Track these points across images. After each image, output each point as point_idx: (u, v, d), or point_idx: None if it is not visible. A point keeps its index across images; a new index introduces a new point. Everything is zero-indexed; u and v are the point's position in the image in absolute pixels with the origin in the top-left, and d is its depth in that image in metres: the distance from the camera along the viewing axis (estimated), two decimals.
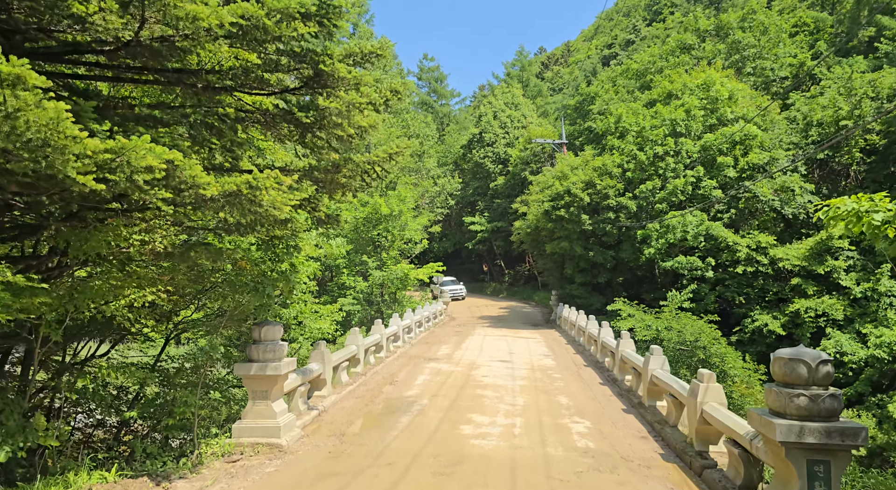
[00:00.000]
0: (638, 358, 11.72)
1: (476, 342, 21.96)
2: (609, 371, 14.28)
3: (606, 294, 29.53)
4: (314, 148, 9.23)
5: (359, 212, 32.81)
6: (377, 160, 9.42)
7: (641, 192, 25.96)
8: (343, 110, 8.04)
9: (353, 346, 13.70)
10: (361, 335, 14.27)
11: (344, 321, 32.67)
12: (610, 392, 12.34)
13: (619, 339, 13.12)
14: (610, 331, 15.66)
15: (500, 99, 55.16)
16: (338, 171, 9.48)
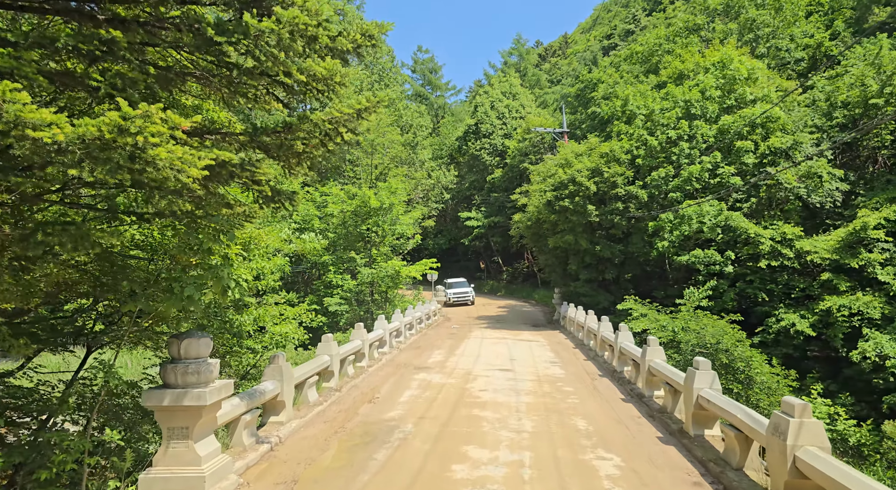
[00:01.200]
0: (673, 372, 9.49)
1: (473, 346, 19.72)
2: (631, 383, 12.04)
3: (614, 292, 27.31)
4: (255, 100, 6.95)
5: (346, 205, 30.53)
6: (342, 118, 7.17)
7: (653, 180, 23.73)
8: (285, 38, 5.75)
9: (325, 357, 11.44)
10: (336, 343, 12.00)
11: (331, 322, 30.43)
12: (637, 412, 10.10)
13: (646, 346, 10.87)
14: (629, 335, 13.43)
15: (497, 89, 52.88)
16: (290, 132, 7.23)
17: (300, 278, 33.86)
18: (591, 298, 26.20)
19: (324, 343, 11.71)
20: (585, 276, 26.32)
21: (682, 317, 20.24)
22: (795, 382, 19.25)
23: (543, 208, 25.80)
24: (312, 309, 15.50)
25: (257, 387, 8.42)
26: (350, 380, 12.72)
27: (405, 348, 19.11)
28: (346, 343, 13.50)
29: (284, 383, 8.95)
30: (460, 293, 38.87)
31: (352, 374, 13.11)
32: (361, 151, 34.38)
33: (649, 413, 9.87)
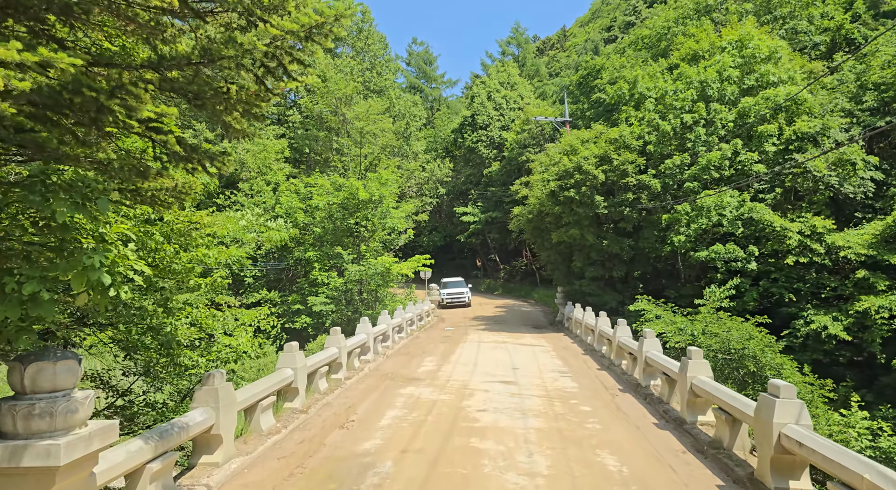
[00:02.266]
0: (733, 397, 7.33)
1: (469, 352, 17.55)
2: (663, 403, 9.87)
3: (622, 291, 25.19)
4: None
5: (333, 197, 28.31)
6: (283, 35, 4.96)
7: (667, 168, 21.60)
8: None
9: (288, 371, 9.25)
10: (301, 353, 9.80)
11: (316, 324, 28.22)
12: (679, 445, 7.93)
13: (688, 359, 8.71)
14: (656, 342, 11.30)
15: (495, 79, 50.66)
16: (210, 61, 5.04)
17: (284, 276, 31.63)
18: (598, 298, 24.07)
19: (286, 354, 9.52)
20: (591, 274, 24.17)
21: (703, 319, 18.14)
22: (832, 393, 17.17)
23: (546, 199, 23.64)
24: (274, 313, 13.16)
25: (178, 419, 6.23)
26: (321, 397, 10.52)
27: (393, 354, 16.93)
28: (317, 352, 11.31)
29: (221, 411, 6.76)
30: (456, 293, 36.65)
31: (324, 389, 10.92)
32: (350, 140, 32.14)
33: (697, 446, 7.70)
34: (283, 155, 33.54)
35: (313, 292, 28.39)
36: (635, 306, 19.79)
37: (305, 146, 38.76)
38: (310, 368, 10.15)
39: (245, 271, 30.03)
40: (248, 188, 31.41)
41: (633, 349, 12.40)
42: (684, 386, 8.61)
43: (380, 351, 16.20)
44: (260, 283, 30.67)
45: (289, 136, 38.88)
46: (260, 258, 30.31)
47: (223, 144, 36.91)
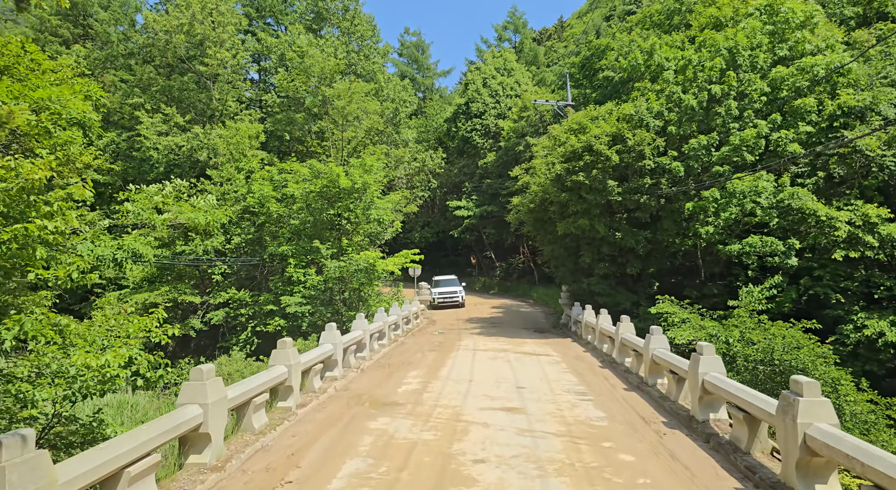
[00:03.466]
0: None
1: (463, 364, 14.57)
2: (739, 451, 6.88)
3: (636, 290, 22.28)
4: None
5: (311, 185, 25.24)
6: None
7: (691, 149, 18.66)
8: None
9: (192, 409, 6.24)
10: (218, 379, 6.79)
11: (291, 327, 25.17)
12: None
13: (797, 396, 5.73)
14: (717, 361, 8.34)
15: (491, 65, 47.65)
16: None
17: (259, 273, 28.53)
18: (609, 298, 21.14)
19: (191, 384, 6.51)
20: (602, 271, 21.22)
21: (741, 324, 15.29)
22: None
23: (551, 186, 20.66)
24: (243, 316, 10.05)
25: None
26: (255, 438, 7.51)
27: (370, 367, 13.93)
28: (254, 375, 8.30)
29: None
30: (448, 293, 33.64)
31: (260, 427, 7.91)
32: (330, 122, 29.08)
33: None
34: (259, 140, 30.44)
35: (288, 291, 25.38)
36: (657, 308, 16.91)
37: (285, 132, 35.66)
38: (234, 401, 7.15)
39: (212, 267, 26.99)
40: (217, 176, 28.28)
41: (676, 366, 9.45)
42: (799, 436, 5.63)
43: (353, 364, 13.20)
44: (230, 281, 27.59)
45: (268, 122, 35.79)
46: (229, 252, 27.24)
47: (195, 129, 33.87)
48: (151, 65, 38.35)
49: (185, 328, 25.59)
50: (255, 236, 27.44)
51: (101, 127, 39.20)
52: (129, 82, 38.68)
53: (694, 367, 8.40)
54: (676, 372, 9.49)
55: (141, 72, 36.33)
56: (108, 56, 41.62)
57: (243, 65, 35.88)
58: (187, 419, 6.07)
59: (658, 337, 10.89)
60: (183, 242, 26.26)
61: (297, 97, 29.76)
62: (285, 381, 8.90)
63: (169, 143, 33.26)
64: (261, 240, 28.11)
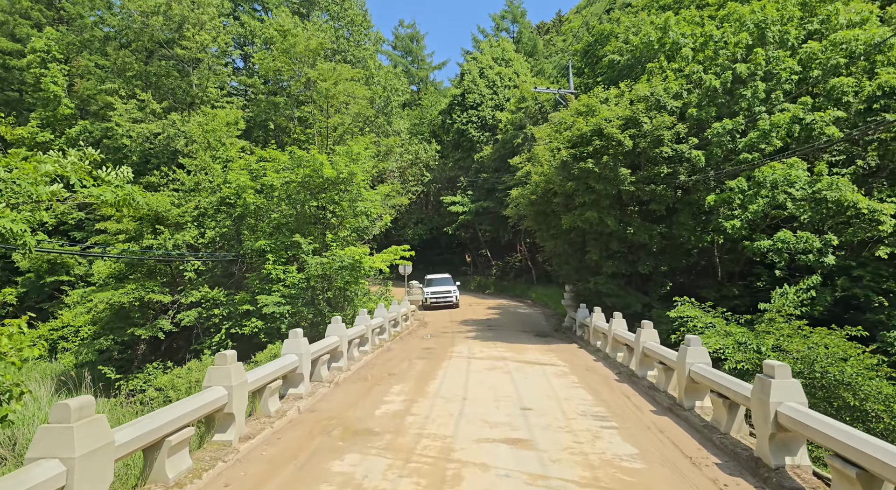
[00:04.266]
0: None
1: (456, 376, 12.49)
2: None
3: (647, 291, 20.28)
4: None
5: (292, 174, 23.11)
6: None
7: (714, 135, 16.62)
8: None
9: (50, 467, 4.11)
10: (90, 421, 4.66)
11: (269, 329, 23.02)
12: None
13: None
14: (795, 386, 6.29)
15: (488, 54, 45.60)
16: None
17: (237, 270, 26.32)
18: (618, 299, 19.10)
19: (46, 431, 4.37)
20: (611, 269, 19.17)
21: (777, 330, 13.32)
22: None
23: (555, 174, 18.59)
24: (217, 316, 8.02)
25: None
26: None
27: (347, 380, 11.85)
28: (171, 405, 6.19)
29: None
30: (441, 292, 31.56)
31: (186, 470, 5.80)
32: (315, 108, 26.90)
33: None
34: (238, 127, 28.25)
35: (266, 290, 23.22)
36: (677, 312, 14.89)
37: (269, 121, 33.45)
38: (144, 441, 5.05)
39: (185, 264, 24.80)
40: (190, 164, 26.08)
41: (726, 388, 7.39)
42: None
43: (325, 377, 11.11)
44: (204, 279, 25.39)
45: (250, 109, 33.58)
46: (203, 247, 25.06)
47: (172, 116, 31.65)
48: (128, 50, 36.11)
49: (153, 330, 23.42)
50: (231, 230, 25.27)
51: (73, 115, 37.09)
52: (105, 68, 36.44)
53: (763, 392, 6.35)
54: (727, 395, 7.44)
55: (116, 56, 34.06)
56: (84, 41, 39.32)
57: (225, 49, 33.67)
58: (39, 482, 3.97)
59: (697, 349, 8.84)
60: (152, 236, 24.08)
61: (279, 80, 27.60)
62: (223, 407, 6.80)
63: (143, 130, 31.04)
64: (239, 234, 25.97)
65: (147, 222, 23.94)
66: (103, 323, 24.84)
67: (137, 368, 24.43)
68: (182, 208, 24.10)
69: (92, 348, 23.60)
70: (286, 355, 9.45)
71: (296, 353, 9.56)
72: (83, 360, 23.58)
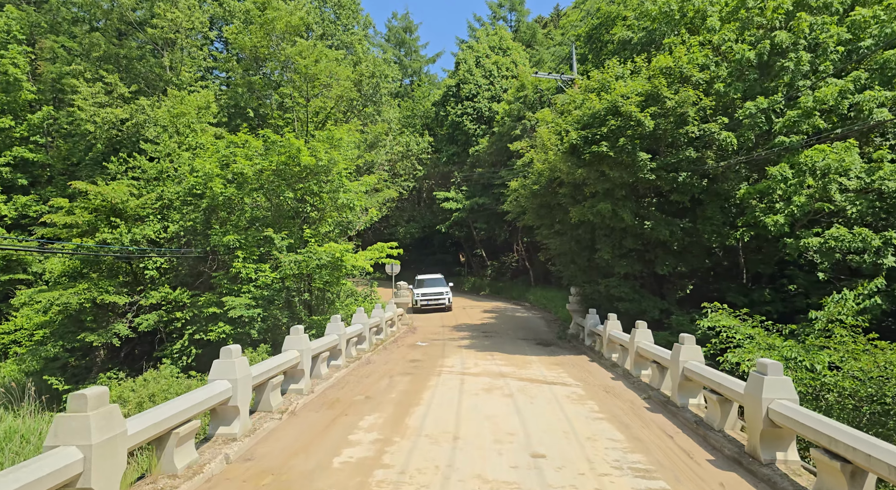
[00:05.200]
0: None
1: (445, 402, 10.02)
2: None
3: (665, 294, 17.93)
4: None
5: (264, 161, 20.61)
6: None
7: (747, 114, 14.24)
8: None
9: None
10: None
11: (238, 335, 20.49)
12: None
13: None
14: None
15: (485, 43, 43.20)
16: None
17: (208, 268, 23.70)
18: (633, 304, 16.69)
19: None
20: (624, 269, 16.77)
21: (836, 344, 10.98)
22: None
23: (562, 161, 16.16)
24: None
25: None
26: None
27: (307, 407, 9.36)
28: None
29: None
30: (433, 294, 29.11)
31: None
32: (293, 88, 24.34)
33: None
34: (210, 111, 25.69)
35: (236, 291, 20.71)
36: (711, 320, 12.54)
37: (248, 108, 30.87)
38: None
39: (146, 261, 22.23)
40: (153, 150, 23.52)
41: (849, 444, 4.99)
42: None
43: (275, 405, 8.61)
44: (168, 278, 22.81)
45: (225, 95, 31.01)
46: (167, 243, 22.51)
47: (140, 101, 29.07)
48: (98, 31, 33.52)
49: (107, 335, 20.82)
50: (199, 224, 22.70)
51: (37, 100, 34.41)
52: (72, 51, 33.80)
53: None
54: (849, 460, 5.02)
55: (82, 37, 31.46)
56: (53, 23, 36.68)
57: (200, 29, 31.07)
58: None
59: (778, 380, 6.41)
60: (108, 230, 21.48)
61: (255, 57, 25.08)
62: (79, 475, 4.32)
63: (108, 115, 28.42)
64: (209, 228, 23.39)
65: (102, 214, 21.35)
66: (53, 327, 22.19)
67: (93, 378, 21.83)
68: (143, 199, 21.53)
69: (37, 356, 20.97)
70: (212, 383, 6.97)
71: (227, 380, 7.07)
72: (28, 368, 21.00)
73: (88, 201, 21.08)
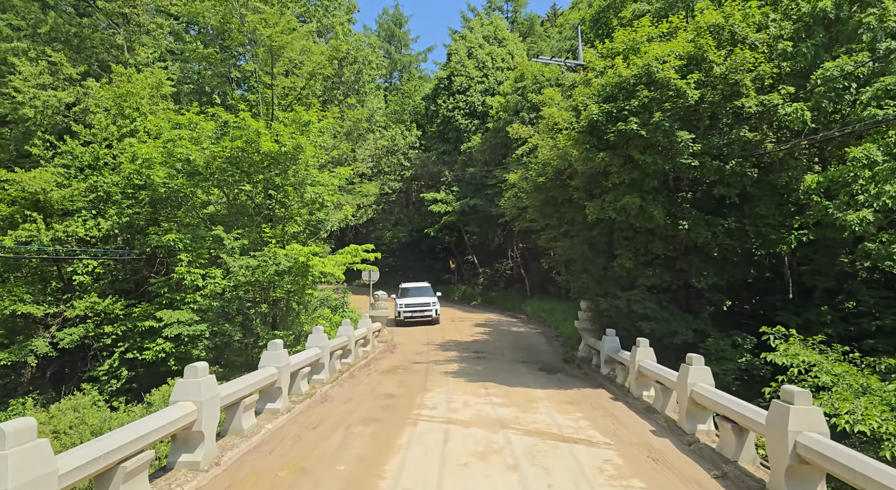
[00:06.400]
0: None
1: (418, 473, 6.63)
2: None
3: (698, 312, 14.64)
4: None
5: (215, 147, 17.21)
6: None
7: (824, 76, 11.07)
8: None
9: None
10: None
11: (180, 354, 16.99)
12: None
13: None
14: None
15: (479, 33, 40.07)
16: None
17: (155, 272, 20.15)
18: (661, 324, 13.37)
19: None
20: (650, 280, 13.49)
21: None
22: None
23: (577, 144, 12.84)
24: None
25: None
26: None
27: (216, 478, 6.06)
28: None
29: None
30: (418, 305, 25.73)
31: None
32: (256, 63, 20.96)
33: None
34: (161, 92, 22.26)
35: (178, 302, 17.25)
36: (785, 355, 9.30)
37: (215, 93, 27.44)
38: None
39: (75, 263, 18.69)
40: (88, 133, 20.05)
41: None
42: None
43: None
44: (103, 284, 19.25)
45: (175, 69, 27.51)
46: (96, 241, 19.01)
47: (88, 83, 25.58)
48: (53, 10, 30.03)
49: (21, 353, 17.25)
50: (140, 220, 19.24)
51: None
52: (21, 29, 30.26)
53: None
54: None
55: (26, 10, 27.97)
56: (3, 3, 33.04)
57: (160, 5, 27.65)
58: None
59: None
60: (30, 225, 17.95)
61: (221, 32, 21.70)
62: None
63: (51, 99, 24.89)
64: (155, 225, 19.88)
65: (22, 207, 17.86)
66: None
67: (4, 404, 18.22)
68: (69, 190, 18.05)
69: None
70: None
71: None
72: None
73: (3, 192, 17.63)
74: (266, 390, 8.89)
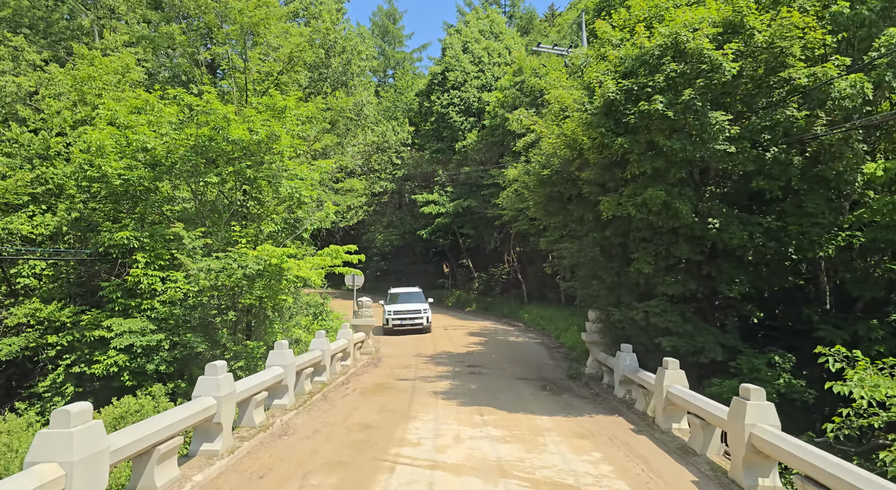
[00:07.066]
0: None
1: None
2: None
3: (725, 325, 12.75)
4: None
5: (177, 134, 15.24)
6: None
7: (888, 45, 9.27)
8: None
9: None
10: None
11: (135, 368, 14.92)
12: None
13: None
14: None
15: (474, 27, 38.31)
16: None
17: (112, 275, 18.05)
18: (684, 340, 11.46)
19: None
20: (672, 289, 11.60)
21: None
22: None
23: (589, 128, 10.95)
24: None
25: None
26: None
27: None
28: None
29: None
30: (408, 312, 23.78)
31: None
32: (227, 45, 19.02)
33: None
34: (129, 78, 20.29)
35: (133, 308, 15.24)
36: (867, 388, 7.36)
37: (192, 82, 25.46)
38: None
39: (20, 264, 16.66)
40: (37, 119, 18.05)
41: None
42: None
43: None
44: (51, 288, 17.17)
45: (140, 48, 25.47)
46: (42, 239, 16.97)
47: (49, 68, 23.56)
48: None
49: None
50: (96, 217, 17.21)
51: None
52: None
53: None
54: None
55: None
56: None
57: None
58: None
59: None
60: None
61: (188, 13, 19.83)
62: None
63: (9, 85, 22.84)
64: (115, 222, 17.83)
65: None
66: None
67: None
68: (11, 180, 16.02)
69: None
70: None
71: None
72: None
73: None
74: (202, 428, 6.92)
